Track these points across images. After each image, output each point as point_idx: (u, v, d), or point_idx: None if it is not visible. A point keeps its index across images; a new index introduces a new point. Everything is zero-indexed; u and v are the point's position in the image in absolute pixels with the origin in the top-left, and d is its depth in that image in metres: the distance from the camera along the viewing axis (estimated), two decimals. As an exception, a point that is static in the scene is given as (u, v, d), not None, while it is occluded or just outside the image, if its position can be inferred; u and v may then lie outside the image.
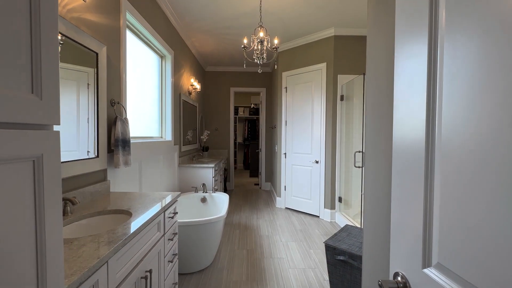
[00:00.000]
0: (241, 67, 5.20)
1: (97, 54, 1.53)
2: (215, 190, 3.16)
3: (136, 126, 2.31)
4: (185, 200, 2.93)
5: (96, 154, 1.54)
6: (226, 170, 5.03)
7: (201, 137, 4.43)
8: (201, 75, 4.90)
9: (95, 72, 1.53)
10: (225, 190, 4.99)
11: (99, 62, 1.55)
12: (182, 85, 3.55)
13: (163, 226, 1.40)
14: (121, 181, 1.84)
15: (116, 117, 1.67)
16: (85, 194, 1.41)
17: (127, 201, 1.43)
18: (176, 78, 3.25)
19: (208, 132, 4.61)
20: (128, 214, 1.25)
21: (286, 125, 3.92)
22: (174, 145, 3.13)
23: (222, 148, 5.29)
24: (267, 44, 2.41)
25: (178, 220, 1.89)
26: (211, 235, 2.07)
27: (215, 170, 3.44)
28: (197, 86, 4.06)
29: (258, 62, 2.42)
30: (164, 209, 1.39)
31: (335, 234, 1.72)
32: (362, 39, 3.32)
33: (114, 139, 1.66)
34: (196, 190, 3.05)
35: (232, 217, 3.54)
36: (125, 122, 1.74)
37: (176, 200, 1.66)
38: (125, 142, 1.73)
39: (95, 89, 1.53)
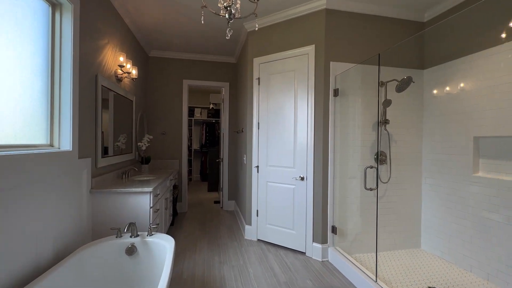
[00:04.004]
0: (198, 54, 4.08)
1: None
2: (154, 229, 2.00)
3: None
4: (97, 254, 1.69)
5: None
6: (176, 188, 3.81)
7: (139, 144, 3.16)
8: (142, 60, 3.63)
9: None
10: (175, 214, 3.75)
11: None
12: (104, 64, 2.30)
13: None
14: None
15: None
16: None
17: None
18: (89, 50, 2.00)
19: (151, 137, 3.35)
20: None
21: (258, 128, 2.94)
22: (81, 158, 1.87)
23: (172, 158, 4.05)
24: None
25: None
26: None
27: (155, 196, 2.25)
28: (133, 71, 2.82)
29: (227, 17, 1.39)
30: None
31: None
32: (364, 18, 2.54)
33: None
34: (118, 233, 1.83)
35: (182, 265, 2.37)
36: None
37: None
38: None
39: None
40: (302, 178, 2.60)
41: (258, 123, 2.93)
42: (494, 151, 2.08)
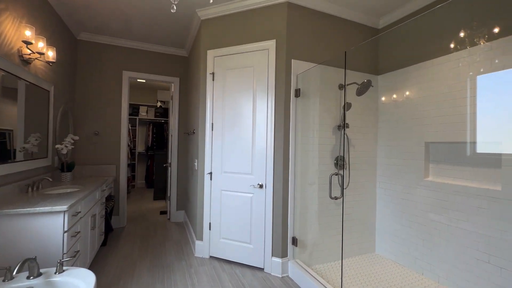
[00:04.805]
0: (142, 43, 3.53)
1: None
2: (67, 263, 1.48)
3: None
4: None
5: None
6: (111, 199, 3.18)
7: (57, 146, 2.49)
8: (67, 43, 2.93)
9: None
10: (109, 231, 3.12)
11: None
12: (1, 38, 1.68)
13: None
14: None
15: None
16: None
17: None
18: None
19: (76, 137, 2.71)
20: None
21: (212, 130, 2.59)
22: None
23: (107, 163, 3.39)
24: None
25: None
26: None
27: (73, 215, 1.71)
28: (48, 52, 2.19)
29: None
30: None
31: None
32: (325, 17, 2.43)
33: None
34: (8, 274, 1.28)
35: (112, 300, 1.87)
36: None
37: None
38: None
39: None
40: (261, 186, 2.35)
41: (212, 123, 2.59)
42: (441, 156, 2.16)
